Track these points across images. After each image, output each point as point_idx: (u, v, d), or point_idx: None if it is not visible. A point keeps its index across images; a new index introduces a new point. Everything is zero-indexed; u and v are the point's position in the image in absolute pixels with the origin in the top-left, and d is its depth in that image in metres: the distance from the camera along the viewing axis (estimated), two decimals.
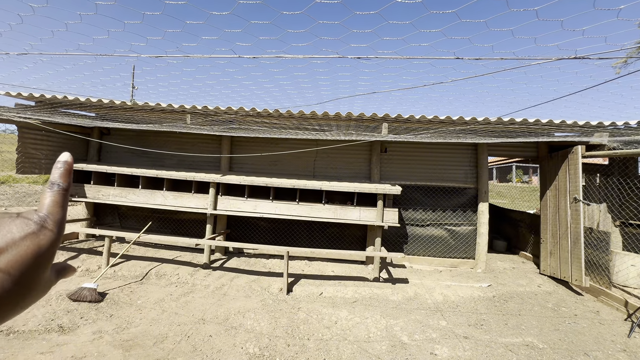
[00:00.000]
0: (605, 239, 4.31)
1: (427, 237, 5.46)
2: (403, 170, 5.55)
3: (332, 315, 3.53)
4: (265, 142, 5.75)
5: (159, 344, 2.82)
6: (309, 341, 3.00)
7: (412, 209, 5.50)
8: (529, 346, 3.01)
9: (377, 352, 2.85)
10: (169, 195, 5.07)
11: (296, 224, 5.61)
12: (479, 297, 4.17)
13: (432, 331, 3.24)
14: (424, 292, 4.23)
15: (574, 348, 3.00)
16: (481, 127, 4.25)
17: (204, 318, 3.34)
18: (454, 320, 3.49)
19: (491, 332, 3.25)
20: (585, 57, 2.02)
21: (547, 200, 5.08)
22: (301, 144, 5.68)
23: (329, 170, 5.67)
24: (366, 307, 3.78)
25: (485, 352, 2.88)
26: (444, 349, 2.93)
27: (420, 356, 2.81)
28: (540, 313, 3.75)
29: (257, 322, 3.30)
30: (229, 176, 5.03)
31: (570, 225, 4.48)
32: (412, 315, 3.58)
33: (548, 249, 4.99)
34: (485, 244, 5.29)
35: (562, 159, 4.71)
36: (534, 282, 4.75)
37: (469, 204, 5.43)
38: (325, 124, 4.71)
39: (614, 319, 3.64)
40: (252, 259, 5.37)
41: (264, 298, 3.92)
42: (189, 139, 5.83)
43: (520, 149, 5.48)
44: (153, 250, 5.39)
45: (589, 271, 4.48)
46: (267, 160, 5.76)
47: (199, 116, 4.58)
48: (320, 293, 4.14)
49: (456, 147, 5.48)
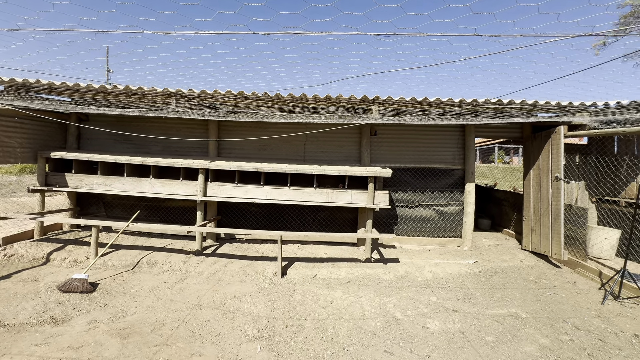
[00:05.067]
0: (583, 215, 4.55)
1: (416, 218, 5.60)
2: (393, 153, 5.60)
3: (327, 295, 3.62)
4: (254, 126, 5.63)
5: (157, 331, 2.83)
6: (306, 321, 3.08)
7: (401, 191, 5.59)
8: (513, 316, 3.20)
9: (372, 329, 2.96)
10: (157, 183, 4.95)
11: (288, 209, 5.62)
12: (466, 273, 4.36)
13: (424, 307, 3.38)
14: (414, 271, 4.38)
15: (554, 316, 3.21)
16: (469, 108, 4.31)
17: (201, 304, 3.36)
18: (443, 296, 3.65)
19: (478, 305, 3.43)
20: (601, 34, 2.06)
21: (530, 179, 5.27)
22: (291, 128, 5.61)
23: (320, 154, 5.65)
24: (360, 286, 3.89)
25: (473, 324, 3.05)
26: (435, 322, 3.07)
27: (413, 330, 2.94)
28: (523, 286, 3.97)
29: (254, 305, 3.34)
30: (218, 162, 4.93)
31: (551, 202, 4.69)
32: (404, 293, 3.72)
33: (530, 225, 5.23)
34: (472, 222, 5.48)
35: (545, 139, 4.86)
36: (516, 257, 5.00)
37: (456, 184, 5.57)
38: (314, 107, 4.65)
39: (589, 289, 3.90)
40: (244, 244, 5.38)
41: (259, 282, 3.96)
42: (174, 125, 5.64)
43: (506, 130, 5.60)
44: (142, 239, 5.31)
45: (567, 245, 4.74)
46: (256, 145, 5.67)
47: (185, 100, 4.42)
48: (315, 275, 4.22)
49: (444, 129, 5.55)
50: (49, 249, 4.56)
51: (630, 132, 3.71)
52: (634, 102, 4.03)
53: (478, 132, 5.54)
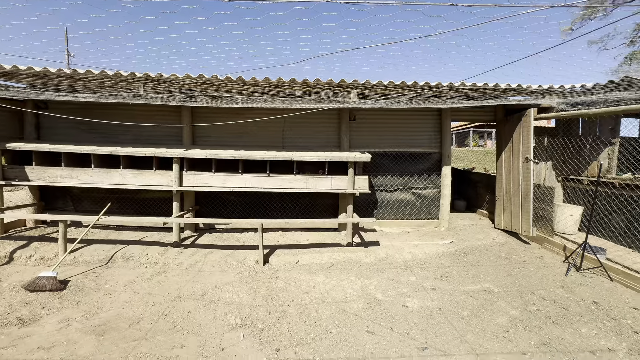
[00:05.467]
0: (550, 194, 4.81)
1: (395, 202, 5.71)
2: (372, 138, 5.62)
3: (310, 281, 3.65)
4: (230, 112, 5.44)
5: (135, 325, 2.75)
6: (289, 307, 3.10)
7: (381, 176, 5.66)
8: (486, 291, 3.37)
9: (354, 310, 3.03)
10: (128, 174, 4.71)
11: (268, 196, 5.55)
12: (443, 253, 4.52)
13: (403, 286, 3.49)
14: (394, 253, 4.49)
15: (523, 289, 3.41)
16: (445, 91, 4.36)
17: (180, 295, 3.29)
18: (422, 275, 3.78)
19: (454, 282, 3.58)
20: (574, 5, 2.10)
21: (502, 161, 5.48)
22: (269, 114, 5.46)
23: (299, 141, 5.57)
24: (341, 270, 3.95)
25: (450, 300, 3.19)
26: (414, 301, 3.19)
27: (393, 310, 3.04)
28: (495, 262, 4.18)
29: (236, 294, 3.32)
30: (194, 150, 4.75)
31: (521, 182, 4.92)
32: (384, 274, 3.81)
33: (502, 205, 5.48)
34: (448, 204, 5.66)
35: (517, 121, 5.04)
36: (489, 235, 5.25)
37: (434, 168, 5.70)
38: (291, 91, 4.54)
39: (555, 262, 4.17)
40: (225, 234, 5.29)
41: (241, 271, 3.93)
42: (143, 112, 5.34)
43: (480, 113, 5.75)
44: (116, 233, 5.09)
45: (536, 222, 5.01)
46: (233, 132, 5.50)
47: (153, 85, 4.17)
48: (297, 261, 4.23)
49: (422, 113, 5.61)
50: (12, 247, 4.27)
51: (593, 114, 3.90)
52: (597, 85, 4.23)
53: (454, 115, 5.65)
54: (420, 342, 2.52)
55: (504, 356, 2.35)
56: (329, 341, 2.55)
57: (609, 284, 3.50)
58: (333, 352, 2.42)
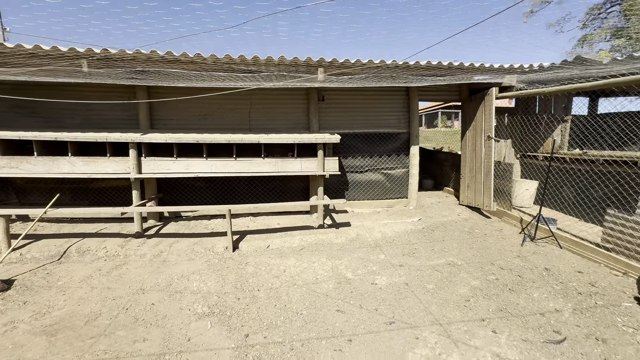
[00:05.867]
0: (509, 170, 5.06)
1: (366, 182, 5.76)
2: (341, 119, 5.55)
3: (281, 264, 3.62)
4: (192, 93, 5.10)
5: (92, 322, 2.58)
6: (259, 292, 3.06)
7: (351, 157, 5.65)
8: (450, 264, 3.53)
9: (324, 291, 3.04)
10: (78, 162, 4.31)
11: (237, 181, 5.37)
12: (411, 230, 4.66)
13: (373, 265, 3.56)
14: (364, 232, 4.56)
15: (484, 260, 3.61)
16: (412, 69, 4.34)
17: (143, 288, 3.13)
18: (391, 253, 3.88)
19: (421, 258, 3.71)
20: None
21: (467, 139, 5.66)
22: (233, 94, 5.19)
23: (266, 123, 5.38)
24: (312, 252, 3.95)
25: (416, 275, 3.30)
26: (383, 278, 3.26)
27: (362, 288, 3.09)
28: (459, 237, 4.38)
29: (204, 283, 3.21)
30: (152, 134, 4.43)
31: (484, 160, 5.12)
32: (355, 254, 3.87)
33: (466, 182, 5.71)
34: (417, 183, 5.81)
35: (480, 100, 5.18)
36: (454, 212, 5.48)
37: (402, 148, 5.77)
38: (257, 70, 4.31)
39: (512, 234, 4.45)
40: (192, 221, 5.08)
41: (209, 259, 3.80)
42: (92, 92, 4.86)
43: (446, 93, 5.84)
44: (70, 226, 4.71)
45: (496, 198, 5.29)
46: (195, 114, 5.19)
47: (100, 63, 3.77)
48: (267, 246, 4.17)
49: (390, 93, 5.60)
50: None
51: (548, 92, 4.08)
52: (553, 64, 4.41)
53: (421, 95, 5.70)
54: (387, 317, 2.59)
55: (465, 324, 2.48)
56: (299, 323, 2.55)
57: (559, 252, 3.80)
58: (303, 333, 2.43)
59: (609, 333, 2.33)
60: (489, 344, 2.25)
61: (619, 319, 2.49)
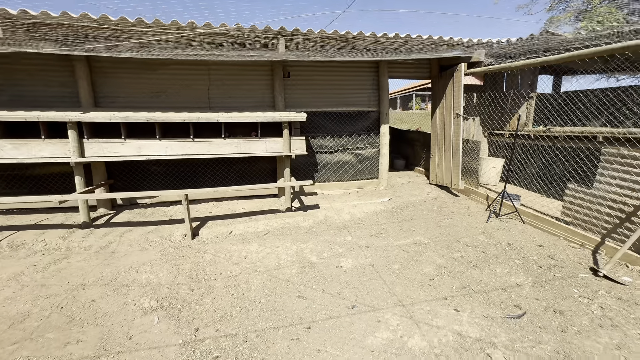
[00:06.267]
0: (477, 148, 5.06)
1: (336, 163, 5.58)
2: (309, 97, 5.27)
3: (242, 250, 3.40)
4: (141, 67, 4.59)
5: (18, 325, 2.26)
6: (216, 281, 2.84)
7: (320, 137, 5.42)
8: (417, 243, 3.47)
9: (286, 277, 2.88)
10: (6, 145, 3.78)
11: (198, 164, 5.00)
12: (381, 210, 4.58)
13: (339, 247, 3.43)
14: (333, 214, 4.42)
15: (450, 238, 3.59)
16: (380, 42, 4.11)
17: (85, 283, 2.81)
18: (358, 234, 3.77)
19: (388, 238, 3.63)
20: None
21: (436, 118, 5.59)
22: (190, 69, 4.74)
23: (228, 100, 4.99)
24: (277, 237, 3.76)
25: (383, 256, 3.21)
26: (349, 260, 3.14)
27: (327, 271, 2.95)
28: (428, 215, 4.35)
29: (155, 274, 2.94)
30: (94, 113, 3.95)
31: (452, 138, 5.08)
32: (321, 237, 3.72)
33: (436, 161, 5.69)
34: (387, 163, 5.71)
35: (449, 77, 5.07)
36: (424, 191, 5.47)
37: (372, 127, 5.61)
38: (212, 41, 3.90)
39: (478, 211, 4.48)
40: (149, 209, 4.70)
41: (164, 248, 3.51)
42: (22, 66, 4.23)
43: (416, 69, 5.68)
44: (4, 218, 4.19)
45: (464, 176, 5.31)
46: (147, 91, 4.70)
47: (18, 29, 3.21)
48: (230, 232, 3.93)
49: (359, 70, 5.36)
50: None
51: (515, 67, 4.02)
52: (520, 39, 4.34)
53: (391, 72, 5.50)
54: (350, 301, 2.47)
55: (428, 303, 2.41)
56: (257, 312, 2.38)
57: (522, 227, 3.86)
58: (259, 322, 2.26)
59: (566, 304, 2.35)
60: (451, 322, 2.19)
61: (575, 290, 2.52)
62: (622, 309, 2.28)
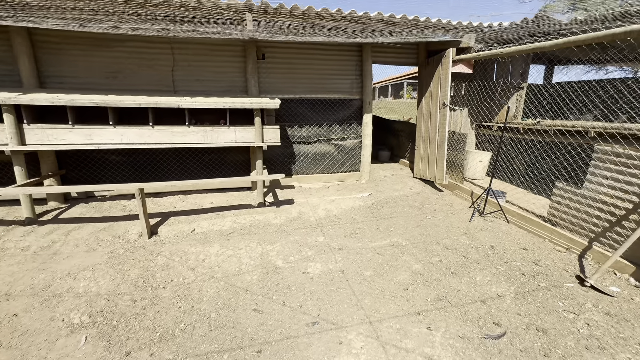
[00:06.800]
0: (463, 140, 4.78)
1: (315, 154, 5.23)
2: (286, 82, 4.84)
3: (201, 253, 3.06)
4: (94, 42, 4.07)
5: None
6: (165, 290, 2.51)
7: (297, 126, 5.04)
8: (394, 245, 3.20)
9: (246, 285, 2.57)
10: None
11: (163, 154, 4.58)
12: (359, 207, 4.29)
13: (309, 249, 3.13)
14: (308, 211, 4.10)
15: (430, 239, 3.32)
16: (362, 21, 3.71)
17: (10, 292, 2.44)
18: (331, 234, 3.47)
19: (364, 239, 3.34)
20: None
21: (422, 107, 5.26)
22: (151, 48, 4.24)
23: (195, 84, 4.53)
24: (243, 236, 3.43)
25: (355, 260, 2.92)
26: (317, 265, 2.85)
27: (292, 278, 2.66)
28: (408, 213, 4.08)
29: (95, 282, 2.58)
30: (34, 94, 3.46)
31: (438, 130, 4.77)
32: (291, 237, 3.40)
33: (420, 154, 5.40)
34: (369, 155, 5.39)
35: (437, 64, 4.72)
36: (407, 185, 5.19)
37: (355, 116, 5.25)
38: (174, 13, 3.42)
39: (462, 208, 4.23)
40: (106, 202, 4.29)
41: (114, 249, 3.14)
42: None
43: (403, 54, 5.29)
44: None
45: (449, 170, 5.05)
46: (102, 71, 4.20)
47: None
48: (193, 230, 3.57)
49: (341, 53, 4.94)
50: None
51: (506, 53, 3.69)
52: (513, 23, 4.00)
53: (376, 56, 5.10)
54: (312, 316, 2.19)
55: (398, 320, 2.14)
56: (203, 330, 2.07)
57: (506, 227, 3.63)
58: (203, 344, 1.95)
59: (550, 321, 2.12)
60: (422, 344, 1.93)
61: (560, 303, 2.30)
62: (610, 326, 2.06)
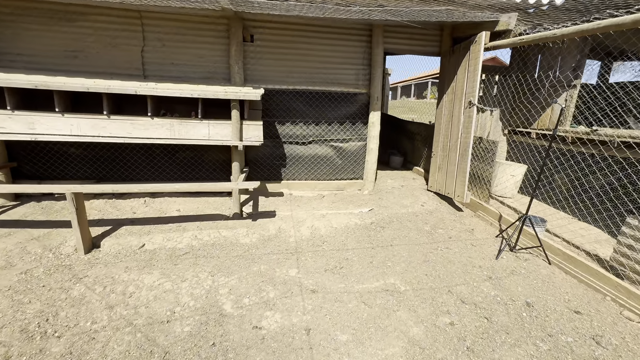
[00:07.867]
0: (492, 149, 3.82)
1: (310, 157, 4.43)
2: (277, 70, 4.07)
3: (132, 282, 2.36)
4: (53, 15, 3.47)
5: None
6: (59, 341, 1.81)
7: (290, 123, 4.26)
8: (389, 291, 2.36)
9: (170, 341, 1.83)
10: None
11: (130, 149, 3.95)
12: (354, 226, 3.46)
13: (272, 288, 2.35)
14: (289, 228, 3.32)
15: (439, 285, 2.45)
16: None
17: None
18: (309, 266, 2.67)
19: (349, 277, 2.52)
20: None
21: (443, 107, 4.33)
22: (117, 22, 3.59)
23: (169, 68, 3.85)
24: (196, 260, 2.70)
25: (330, 311, 2.11)
26: (276, 316, 2.06)
27: (236, 335, 1.89)
28: (415, 240, 3.21)
29: None
30: None
31: (461, 135, 3.84)
32: (255, 266, 2.64)
33: (437, 163, 4.47)
34: (375, 161, 4.52)
35: (464, 52, 3.78)
36: (418, 200, 4.28)
37: (360, 114, 4.40)
38: None
39: (486, 237, 3.30)
40: (60, 202, 3.70)
41: (34, 267, 2.50)
42: None
43: (422, 40, 4.36)
44: None
45: (472, 184, 4.11)
46: (60, 49, 3.59)
47: None
48: (142, 245, 2.89)
49: (346, 35, 4.10)
50: None
51: (562, 35, 2.72)
52: None
53: (388, 42, 4.21)
54: None
55: None
56: None
57: (547, 270, 2.69)
58: None
59: None
60: None
61: None
62: None
